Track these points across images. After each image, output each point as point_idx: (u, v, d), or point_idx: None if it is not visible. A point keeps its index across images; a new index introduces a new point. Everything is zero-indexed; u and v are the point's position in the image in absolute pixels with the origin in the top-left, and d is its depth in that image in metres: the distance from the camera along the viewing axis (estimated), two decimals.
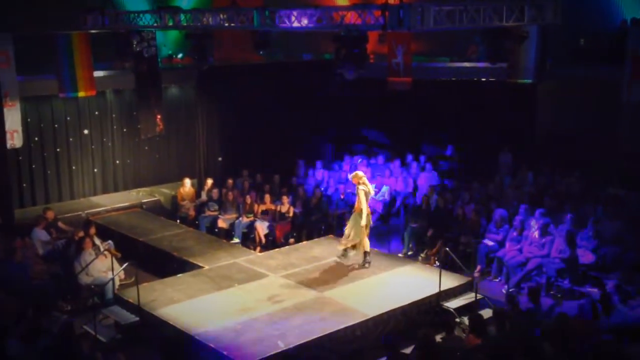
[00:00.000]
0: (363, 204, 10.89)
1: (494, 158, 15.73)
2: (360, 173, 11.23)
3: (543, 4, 10.25)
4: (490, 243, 12.06)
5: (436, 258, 12.47)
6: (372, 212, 14.36)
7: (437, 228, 12.79)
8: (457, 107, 16.56)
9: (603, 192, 13.27)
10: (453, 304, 10.12)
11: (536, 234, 11.59)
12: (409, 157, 16.81)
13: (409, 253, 13.14)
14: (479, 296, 10.24)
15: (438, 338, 8.17)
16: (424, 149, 16.99)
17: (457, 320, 9.66)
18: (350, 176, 11.49)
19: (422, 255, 12.89)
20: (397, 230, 13.70)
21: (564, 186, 13.93)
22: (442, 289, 10.13)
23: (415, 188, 15.37)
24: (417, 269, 11.38)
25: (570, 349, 7.47)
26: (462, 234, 12.49)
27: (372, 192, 11.34)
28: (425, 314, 9.94)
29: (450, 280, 10.58)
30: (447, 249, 11.25)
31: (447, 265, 11.51)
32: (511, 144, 15.68)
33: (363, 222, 10.94)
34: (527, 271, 11.26)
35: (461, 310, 9.96)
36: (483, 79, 16.04)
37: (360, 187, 10.97)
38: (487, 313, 9.40)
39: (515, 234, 11.81)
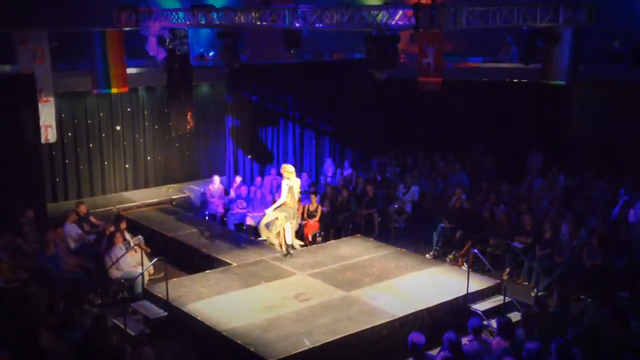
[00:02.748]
0: (282, 196, 11.39)
1: (524, 159, 15.58)
2: (289, 168, 11.58)
3: (578, 5, 10.13)
4: (520, 245, 11.95)
5: (464, 260, 12.39)
6: (402, 212, 14.45)
7: (466, 229, 12.70)
8: (488, 108, 16.41)
9: (635, 196, 13.04)
10: (481, 306, 10.05)
11: (567, 237, 11.48)
12: (438, 158, 16.75)
13: (436, 250, 13.07)
14: (508, 299, 10.14)
15: (465, 341, 8.12)
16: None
17: (485, 322, 9.58)
18: (281, 168, 11.77)
19: (450, 256, 12.82)
20: (426, 230, 13.60)
21: (595, 189, 13.73)
22: (470, 291, 10.06)
23: (445, 189, 15.28)
24: (445, 270, 11.32)
25: (601, 355, 7.38)
26: (491, 235, 12.39)
27: (298, 189, 11.70)
28: (452, 315, 9.88)
29: (478, 283, 10.50)
30: (476, 250, 11.17)
31: (476, 267, 11.43)
32: (542, 145, 15.51)
33: (275, 212, 11.45)
34: (557, 274, 11.13)
35: (489, 313, 9.89)
36: (515, 80, 15.88)
37: (284, 181, 11.41)
38: (515, 316, 9.34)
39: (545, 236, 11.67)
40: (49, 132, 13.65)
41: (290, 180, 11.49)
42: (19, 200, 12.45)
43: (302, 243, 12.81)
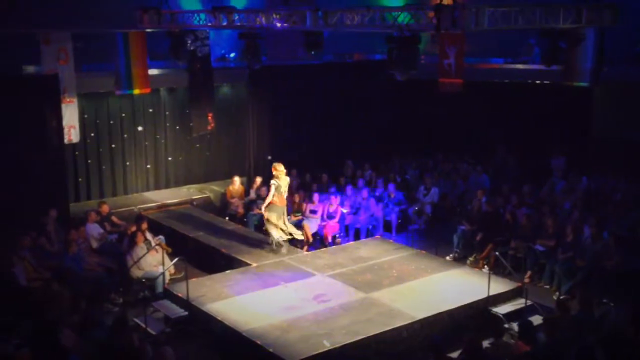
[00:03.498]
0: (269, 195, 11.70)
1: (546, 161, 15.45)
2: (280, 167, 11.79)
3: (601, 6, 10.01)
4: (542, 248, 11.84)
5: (485, 262, 12.31)
6: (421, 213, 14.39)
7: (487, 232, 12.61)
8: (510, 109, 16.30)
9: None
10: (502, 309, 9.98)
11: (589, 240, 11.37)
12: (459, 159, 16.66)
13: (457, 252, 13.01)
14: (529, 302, 10.07)
15: (485, 343, 8.07)
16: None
17: (506, 326, 9.52)
18: (272, 166, 11.96)
19: (471, 259, 12.74)
20: (446, 232, 13.53)
21: (617, 191, 13.58)
22: (490, 293, 10.00)
23: (465, 190, 15.21)
24: (465, 273, 11.26)
25: (624, 358, 7.29)
26: (513, 238, 12.30)
27: (283, 190, 11.78)
28: (472, 318, 9.81)
29: (500, 285, 10.44)
30: (497, 253, 11.08)
31: (497, 269, 11.35)
32: (565, 147, 15.37)
33: (266, 211, 11.74)
34: (579, 278, 11.02)
35: (510, 316, 9.81)
36: (537, 82, 15.76)
37: (272, 180, 11.67)
38: (537, 319, 9.26)
39: (567, 239, 11.56)
40: (72, 133, 13.80)
41: (280, 180, 11.72)
42: (42, 200, 12.57)
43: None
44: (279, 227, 11.93)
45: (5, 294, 9.42)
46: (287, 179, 11.96)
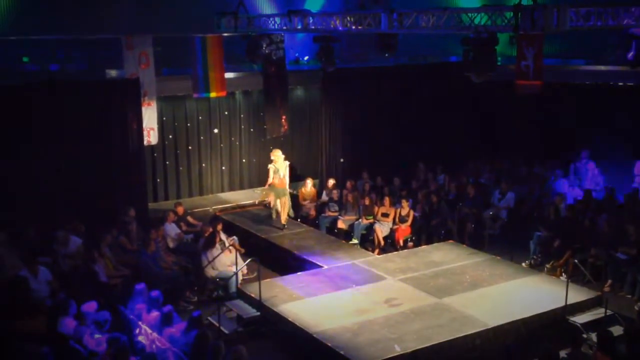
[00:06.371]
0: (269, 178, 13.37)
1: (629, 167, 14.85)
2: (277, 153, 13.45)
3: None
4: (623, 256, 11.38)
5: (563, 270, 11.94)
6: (496, 218, 14.08)
7: (565, 238, 12.22)
8: (591, 112, 15.75)
9: None
10: (580, 318, 9.66)
11: None
12: (537, 163, 16.23)
13: (533, 259, 12.67)
14: (609, 312, 9.70)
15: (563, 354, 7.83)
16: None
17: (584, 336, 9.20)
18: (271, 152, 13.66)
19: (548, 266, 12.38)
20: (522, 238, 13.18)
21: None
22: (568, 302, 9.68)
23: (542, 196, 14.78)
24: (542, 280, 10.95)
25: None
26: (593, 245, 11.87)
27: (282, 173, 13.29)
28: (549, 327, 9.53)
29: (578, 294, 10.09)
30: (576, 260, 10.73)
31: (575, 278, 10.99)
32: None
33: (270, 193, 13.64)
34: None
35: (589, 326, 9.49)
36: (620, 83, 15.17)
37: (270, 165, 13.35)
38: (617, 330, 8.92)
39: None
40: (151, 135, 14.19)
41: (277, 164, 13.22)
42: (122, 199, 12.99)
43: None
44: (275, 207, 13.55)
45: (87, 290, 9.75)
46: (286, 163, 13.42)
